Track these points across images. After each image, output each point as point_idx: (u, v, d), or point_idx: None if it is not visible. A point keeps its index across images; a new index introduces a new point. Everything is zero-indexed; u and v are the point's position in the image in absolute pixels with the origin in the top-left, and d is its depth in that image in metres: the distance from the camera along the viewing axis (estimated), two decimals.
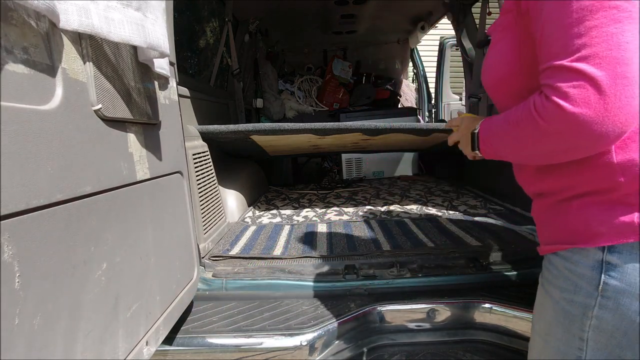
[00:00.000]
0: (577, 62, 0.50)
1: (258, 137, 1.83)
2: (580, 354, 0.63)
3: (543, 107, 0.54)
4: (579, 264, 0.62)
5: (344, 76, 3.88)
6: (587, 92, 0.49)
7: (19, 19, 0.55)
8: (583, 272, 0.61)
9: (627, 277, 0.57)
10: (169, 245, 1.01)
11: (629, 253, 0.57)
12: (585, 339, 0.62)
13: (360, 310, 1.16)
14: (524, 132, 0.60)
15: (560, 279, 0.65)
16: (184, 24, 2.52)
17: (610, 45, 0.48)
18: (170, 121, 1.08)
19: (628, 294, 0.57)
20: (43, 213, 0.56)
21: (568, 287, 0.64)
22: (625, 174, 0.57)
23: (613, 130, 0.50)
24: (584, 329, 0.61)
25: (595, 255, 0.60)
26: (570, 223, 0.64)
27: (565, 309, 0.64)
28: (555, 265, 0.67)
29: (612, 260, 0.58)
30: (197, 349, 1.07)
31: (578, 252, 0.62)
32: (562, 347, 0.66)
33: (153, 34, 0.80)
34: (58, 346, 0.58)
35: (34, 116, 0.56)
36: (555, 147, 0.57)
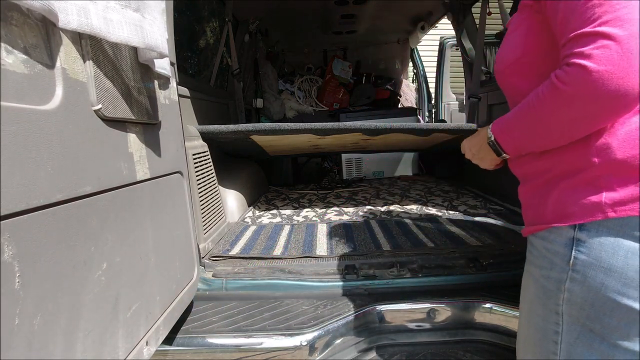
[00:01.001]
0: (599, 26, 0.53)
1: (258, 137, 1.83)
2: (557, 329, 0.67)
3: (566, 74, 0.57)
4: (554, 242, 0.67)
5: (344, 76, 3.88)
6: (610, 51, 0.52)
7: (19, 19, 0.55)
8: (557, 249, 0.66)
9: (594, 251, 0.62)
10: (169, 245, 1.01)
11: (595, 230, 0.62)
12: (560, 313, 0.67)
13: (360, 310, 1.16)
14: (548, 106, 0.62)
15: (539, 258, 0.71)
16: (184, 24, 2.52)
17: (630, 10, 0.52)
18: (170, 121, 1.08)
19: (594, 267, 0.62)
20: (43, 213, 0.56)
21: (545, 265, 0.69)
22: (599, 156, 0.61)
23: (634, 88, 0.53)
24: (559, 302, 0.66)
25: (567, 233, 0.65)
26: (549, 205, 0.69)
27: (543, 285, 0.69)
28: (535, 245, 0.73)
29: (581, 237, 0.63)
30: (197, 349, 1.07)
31: (554, 232, 0.67)
32: (542, 323, 0.70)
33: (151, 35, 0.80)
34: (58, 346, 0.58)
35: (34, 116, 0.56)
36: (579, 113, 0.59)
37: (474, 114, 2.63)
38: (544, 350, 0.70)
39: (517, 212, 1.80)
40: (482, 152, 0.84)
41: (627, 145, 0.59)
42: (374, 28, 3.65)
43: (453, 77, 5.27)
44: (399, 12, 3.29)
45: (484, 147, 0.82)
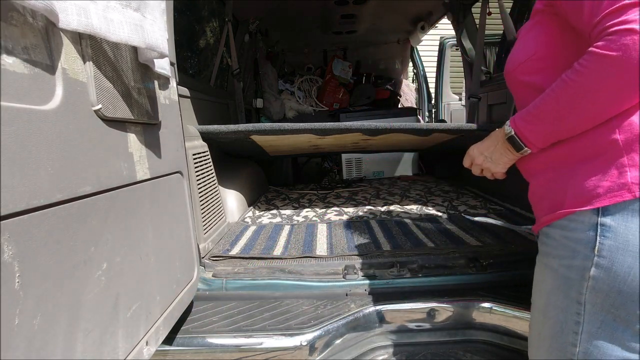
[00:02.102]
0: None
1: (258, 137, 1.83)
2: (579, 319, 0.66)
3: (611, 42, 0.56)
4: (576, 230, 0.65)
5: (344, 76, 3.88)
6: None
7: (19, 19, 0.55)
8: (579, 236, 0.65)
9: (620, 235, 0.60)
10: (169, 245, 1.01)
11: (620, 213, 0.60)
12: (583, 302, 0.65)
13: (360, 310, 1.16)
14: (593, 78, 0.60)
15: (558, 248, 0.69)
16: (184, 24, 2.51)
17: None
18: (170, 121, 1.08)
19: (621, 251, 0.60)
20: (43, 213, 0.56)
21: (566, 254, 0.67)
22: (622, 133, 0.61)
23: None
24: (582, 291, 0.65)
25: (590, 218, 0.63)
26: (568, 191, 0.67)
27: (565, 274, 0.67)
28: (552, 236, 0.71)
29: (606, 222, 0.62)
30: (197, 349, 1.07)
31: (574, 219, 0.66)
32: (561, 315, 0.68)
33: (152, 35, 0.80)
34: (58, 346, 0.58)
35: (34, 116, 0.56)
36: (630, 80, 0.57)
37: (474, 114, 2.63)
38: (562, 342, 0.68)
39: (517, 212, 1.80)
40: (496, 153, 0.82)
41: None
42: (374, 28, 3.65)
43: (453, 77, 5.27)
44: (399, 12, 3.29)
45: (500, 147, 0.80)
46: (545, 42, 0.74)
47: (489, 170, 0.89)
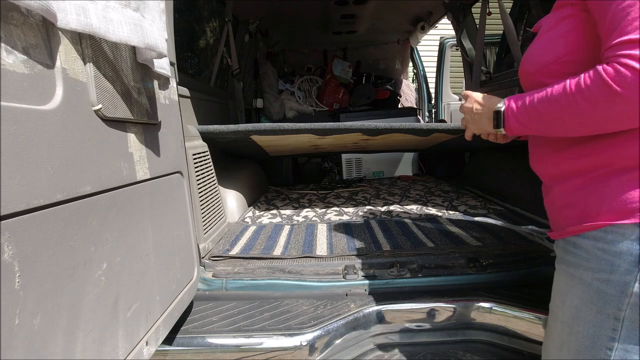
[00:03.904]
0: None
1: (258, 137, 1.83)
2: (614, 335, 0.63)
3: (620, 75, 0.55)
4: (615, 243, 0.62)
5: (344, 76, 3.88)
6: None
7: (19, 19, 0.55)
8: (620, 249, 0.61)
9: None
10: (169, 245, 1.01)
11: None
12: (622, 319, 0.61)
13: (360, 310, 1.16)
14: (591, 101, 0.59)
15: (591, 261, 0.65)
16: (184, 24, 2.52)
17: None
18: (170, 121, 1.08)
19: None
20: (43, 213, 0.56)
21: (603, 267, 0.63)
22: None
23: None
24: (622, 307, 0.61)
25: (633, 232, 0.60)
26: (604, 202, 0.64)
27: (600, 289, 0.63)
28: (583, 247, 0.67)
29: None
30: (197, 349, 1.07)
31: (612, 231, 0.62)
32: (592, 330, 0.65)
33: (151, 35, 0.80)
34: (58, 346, 0.58)
35: (34, 116, 0.56)
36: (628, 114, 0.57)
37: None
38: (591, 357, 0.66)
39: (517, 212, 1.80)
40: (482, 117, 0.81)
41: None
42: (374, 28, 3.65)
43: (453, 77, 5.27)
44: (399, 12, 3.30)
45: (486, 112, 0.79)
46: (577, 42, 0.69)
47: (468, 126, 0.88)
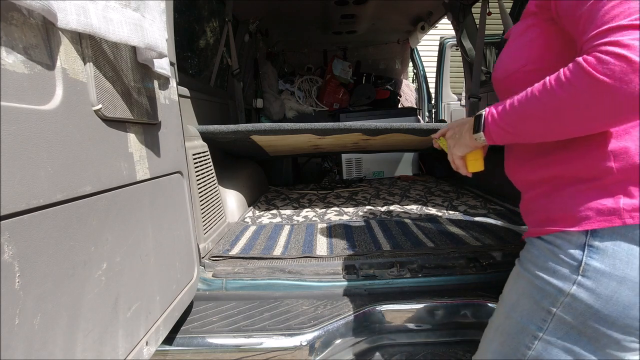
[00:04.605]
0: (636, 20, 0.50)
1: (258, 137, 1.83)
2: (543, 326, 0.66)
3: (603, 63, 0.52)
4: (562, 247, 0.65)
5: (344, 76, 3.88)
6: None
7: (19, 19, 0.55)
8: (564, 253, 0.64)
9: (608, 259, 0.60)
10: (169, 245, 1.01)
11: (609, 237, 0.60)
12: (553, 314, 0.65)
13: (360, 310, 1.16)
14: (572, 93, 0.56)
15: (540, 259, 0.69)
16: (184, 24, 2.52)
17: None
18: (170, 121, 1.08)
19: (607, 275, 0.60)
20: (43, 213, 0.56)
21: (548, 267, 0.67)
22: (617, 161, 0.59)
23: None
24: (556, 305, 0.65)
25: (578, 239, 0.63)
26: (558, 209, 0.66)
27: (541, 285, 0.67)
28: (537, 246, 0.70)
29: (594, 243, 0.61)
30: (197, 349, 1.07)
31: (561, 237, 0.65)
32: (526, 318, 0.69)
33: (151, 35, 0.80)
34: (58, 346, 0.58)
35: (34, 116, 0.56)
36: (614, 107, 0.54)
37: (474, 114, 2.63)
38: (517, 342, 0.70)
39: (517, 212, 1.80)
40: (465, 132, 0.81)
41: None
42: (374, 28, 3.65)
43: (453, 77, 5.27)
44: (399, 12, 3.30)
45: (468, 126, 0.79)
46: (539, 51, 0.69)
47: (450, 150, 0.88)
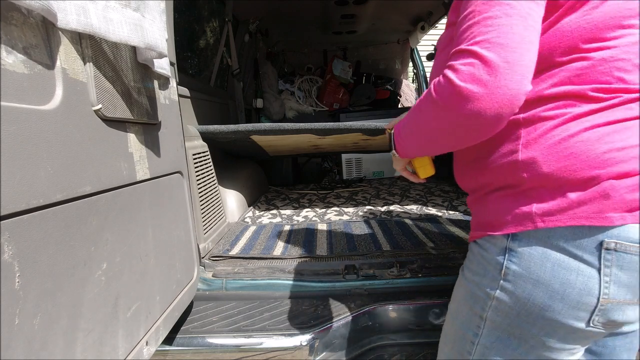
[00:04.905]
0: (472, 45, 0.54)
1: (258, 137, 1.83)
2: (478, 331, 0.69)
3: (438, 84, 0.58)
4: (489, 250, 0.67)
5: (344, 76, 3.88)
6: (475, 69, 0.53)
7: (19, 19, 0.55)
8: (491, 257, 0.67)
9: (524, 262, 0.62)
10: (169, 245, 1.01)
11: (526, 240, 0.62)
12: (484, 318, 0.68)
13: (360, 310, 1.16)
14: (424, 114, 0.64)
15: (474, 263, 0.72)
16: (184, 24, 2.52)
17: (499, 34, 0.53)
18: (170, 121, 1.08)
19: (524, 278, 0.62)
20: (43, 213, 0.56)
21: (479, 271, 0.70)
22: (527, 171, 0.62)
23: (491, 109, 0.54)
24: (485, 308, 0.67)
25: (501, 242, 0.65)
26: (487, 214, 0.69)
27: (473, 290, 0.70)
28: (473, 251, 0.73)
29: (513, 247, 0.63)
30: (197, 349, 1.07)
31: (489, 240, 0.68)
32: (465, 324, 0.72)
33: (151, 35, 0.80)
34: (58, 346, 0.58)
35: (34, 116, 0.56)
36: (446, 124, 0.60)
37: None
38: (461, 348, 0.73)
39: None
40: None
41: (552, 158, 0.59)
42: (374, 28, 3.65)
43: None
44: (399, 12, 3.29)
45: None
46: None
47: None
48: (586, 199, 0.56)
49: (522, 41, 0.53)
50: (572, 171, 0.57)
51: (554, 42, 0.59)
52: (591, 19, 0.57)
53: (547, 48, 0.60)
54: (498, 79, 0.52)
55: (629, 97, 0.57)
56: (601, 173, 0.56)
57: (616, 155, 0.56)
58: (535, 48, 0.54)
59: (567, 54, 0.59)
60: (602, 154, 0.56)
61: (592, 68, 0.58)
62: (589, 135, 0.57)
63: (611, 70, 0.57)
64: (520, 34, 0.53)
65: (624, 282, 0.56)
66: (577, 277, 0.57)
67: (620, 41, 0.57)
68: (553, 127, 0.60)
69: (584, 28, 0.57)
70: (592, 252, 0.57)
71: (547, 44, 0.60)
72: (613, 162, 0.55)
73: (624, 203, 0.55)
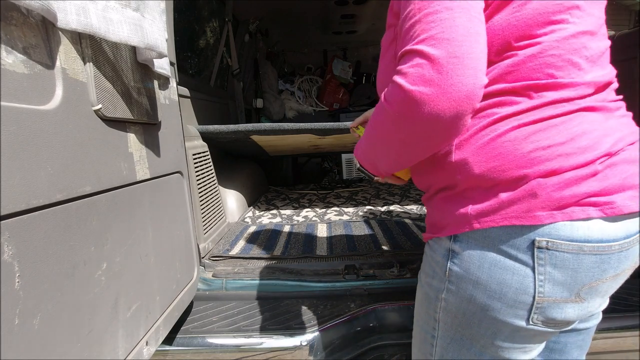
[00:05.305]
0: (417, 44, 0.51)
1: (258, 137, 1.83)
2: (434, 333, 0.70)
3: (388, 92, 0.55)
4: (436, 252, 0.68)
5: (344, 76, 3.88)
6: (424, 70, 0.50)
7: (19, 19, 0.55)
8: (438, 259, 0.67)
9: (464, 263, 0.62)
10: (169, 245, 1.01)
11: (466, 242, 0.62)
12: (437, 319, 0.68)
13: (360, 310, 1.16)
14: (382, 127, 0.61)
15: (426, 265, 0.72)
16: (184, 24, 2.52)
17: (443, 29, 0.50)
18: (170, 121, 1.08)
19: (465, 279, 0.62)
20: (43, 213, 0.56)
21: (429, 273, 0.70)
22: (461, 172, 0.61)
23: (449, 109, 0.50)
24: (437, 310, 0.68)
25: (445, 244, 0.65)
26: (434, 215, 0.69)
27: (426, 291, 0.71)
28: (425, 252, 0.74)
29: (455, 249, 0.63)
30: (197, 349, 1.07)
31: (437, 242, 0.68)
32: (424, 326, 0.73)
33: (151, 35, 0.80)
34: (58, 346, 0.58)
35: (34, 116, 0.56)
36: (406, 134, 0.57)
37: None
38: (424, 349, 0.74)
39: None
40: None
41: (482, 158, 0.58)
42: (374, 28, 3.65)
43: None
44: None
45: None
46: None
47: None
48: (515, 199, 0.56)
49: (468, 33, 0.50)
50: (501, 171, 0.57)
51: (487, 41, 0.57)
52: (520, 16, 0.56)
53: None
54: (449, 76, 0.49)
55: (558, 94, 0.56)
56: (529, 172, 0.55)
57: (542, 153, 0.55)
58: (482, 39, 0.52)
59: (500, 53, 0.58)
60: (529, 153, 0.55)
61: (522, 64, 0.57)
62: (516, 135, 0.56)
63: (541, 67, 0.56)
64: (464, 26, 0.50)
65: (558, 280, 0.56)
66: (512, 276, 0.58)
67: (549, 37, 0.56)
68: (482, 128, 0.59)
69: (514, 26, 0.56)
70: (525, 251, 0.57)
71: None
72: (539, 161, 0.55)
73: (551, 201, 0.55)
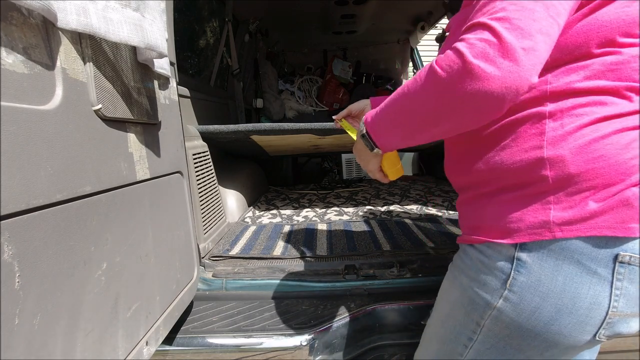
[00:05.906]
0: (492, 20, 0.50)
1: (258, 137, 1.83)
2: (473, 336, 0.67)
3: (446, 57, 0.53)
4: (492, 258, 0.63)
5: (344, 76, 3.88)
6: (490, 48, 0.49)
7: (19, 19, 0.55)
8: (494, 266, 0.62)
9: (534, 274, 0.58)
10: (169, 245, 1.01)
11: (537, 251, 0.58)
12: (482, 325, 0.65)
13: (360, 310, 1.16)
14: (419, 95, 0.57)
15: (472, 269, 0.67)
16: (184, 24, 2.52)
17: (521, 17, 0.49)
18: (170, 121, 1.08)
19: (532, 290, 0.58)
20: (43, 213, 0.56)
21: (478, 278, 0.65)
22: (553, 170, 0.56)
23: (498, 93, 0.50)
24: (484, 317, 0.64)
25: (508, 251, 0.61)
26: (489, 218, 0.64)
27: (471, 296, 0.66)
28: (469, 255, 0.68)
29: (522, 257, 0.59)
30: (197, 349, 1.07)
31: (492, 247, 0.63)
32: (458, 327, 0.69)
33: (151, 35, 0.80)
34: (58, 346, 0.58)
35: (34, 116, 0.56)
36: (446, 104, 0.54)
37: None
38: (451, 349, 0.71)
39: None
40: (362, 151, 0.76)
41: (582, 158, 0.54)
42: (374, 28, 3.65)
43: None
44: (399, 12, 3.29)
45: (359, 144, 0.75)
46: None
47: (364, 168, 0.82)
48: (608, 208, 0.53)
49: (540, 31, 0.49)
50: (599, 175, 0.53)
51: (591, 31, 0.55)
52: (630, 12, 0.53)
53: (583, 37, 0.55)
54: (512, 63, 0.48)
55: None
56: (626, 180, 0.53)
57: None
58: (550, 41, 0.51)
59: (603, 46, 0.55)
60: (629, 160, 0.53)
61: (626, 64, 0.54)
62: (618, 139, 0.54)
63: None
64: (540, 22, 0.49)
65: (632, 295, 0.54)
66: (588, 290, 0.55)
67: None
68: (582, 126, 0.55)
69: (622, 20, 0.54)
70: (606, 265, 0.54)
71: (582, 32, 0.55)
72: (637, 170, 0.53)
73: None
